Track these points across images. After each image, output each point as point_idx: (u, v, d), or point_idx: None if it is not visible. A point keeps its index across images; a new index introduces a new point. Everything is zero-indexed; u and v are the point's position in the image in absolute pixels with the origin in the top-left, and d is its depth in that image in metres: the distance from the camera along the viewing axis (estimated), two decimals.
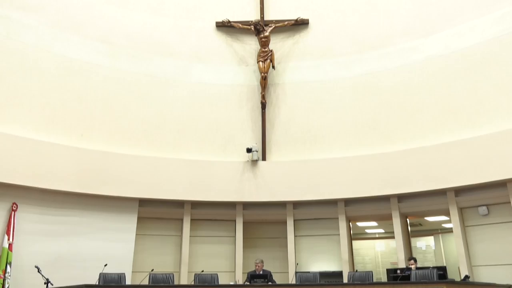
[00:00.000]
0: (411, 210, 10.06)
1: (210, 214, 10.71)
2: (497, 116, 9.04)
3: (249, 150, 10.60)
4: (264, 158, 10.80)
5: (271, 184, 10.47)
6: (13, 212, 8.69)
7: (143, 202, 10.25)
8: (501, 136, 8.73)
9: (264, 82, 10.97)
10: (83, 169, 9.48)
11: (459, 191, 9.33)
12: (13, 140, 8.83)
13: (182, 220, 10.51)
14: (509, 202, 8.64)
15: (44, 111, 9.55)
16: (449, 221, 9.87)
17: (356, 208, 10.38)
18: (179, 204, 10.52)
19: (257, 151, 10.67)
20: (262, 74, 10.95)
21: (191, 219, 10.53)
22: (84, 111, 9.99)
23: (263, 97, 11.00)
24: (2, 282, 8.14)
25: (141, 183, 9.98)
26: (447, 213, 9.63)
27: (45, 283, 7.31)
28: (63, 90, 9.82)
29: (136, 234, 10.02)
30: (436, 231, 11.55)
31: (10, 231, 8.51)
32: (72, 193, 9.42)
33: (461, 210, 9.40)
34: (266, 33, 11.06)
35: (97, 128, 10.08)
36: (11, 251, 8.42)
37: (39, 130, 9.32)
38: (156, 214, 10.42)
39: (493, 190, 8.90)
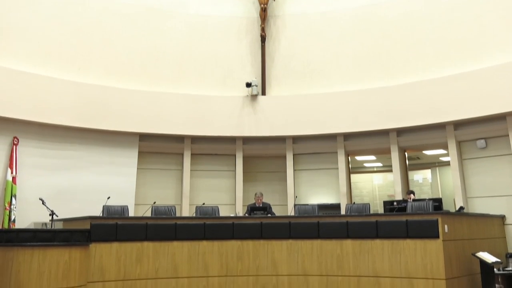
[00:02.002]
0: (410, 144, 10.12)
1: (210, 149, 10.80)
2: (500, 49, 8.91)
3: (248, 85, 10.53)
4: (263, 93, 10.74)
5: (271, 119, 10.48)
6: (14, 146, 8.76)
7: (143, 137, 10.31)
8: (502, 69, 8.64)
9: (263, 14, 10.70)
10: (82, 103, 9.46)
11: (458, 124, 9.36)
12: (9, 73, 8.75)
13: (182, 154, 10.62)
14: (508, 135, 8.70)
15: (40, 44, 9.38)
16: (446, 155, 9.96)
17: (355, 142, 10.45)
18: (179, 138, 10.58)
19: (256, 86, 10.59)
20: (262, 5, 10.66)
21: (192, 154, 10.63)
22: (80, 44, 9.82)
23: (263, 29, 10.77)
24: (8, 213, 8.35)
25: (141, 118, 10.00)
26: (445, 147, 9.72)
27: (50, 215, 7.45)
28: (58, 22, 9.60)
29: (137, 168, 10.18)
30: (434, 164, 11.70)
31: (12, 164, 8.62)
32: (72, 128, 9.46)
33: (459, 144, 9.47)
34: None
35: (94, 61, 9.95)
36: (15, 184, 8.57)
37: (35, 64, 9.21)
38: (156, 149, 10.52)
39: (492, 123, 8.93)
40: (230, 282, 7.26)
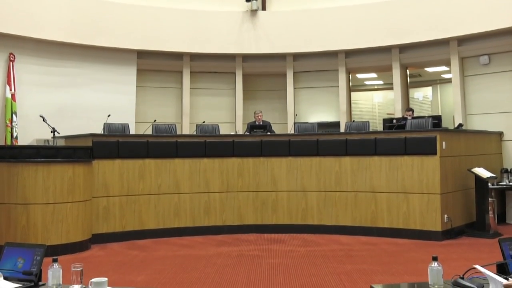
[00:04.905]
0: (412, 61, 10.00)
1: (209, 67, 10.67)
2: None
3: None
4: (264, 8, 10.42)
5: (271, 35, 10.26)
6: (11, 63, 8.62)
7: (141, 54, 10.14)
8: None
9: None
10: (77, 18, 9.19)
11: (462, 40, 9.17)
12: None
13: (181, 72, 10.50)
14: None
15: None
16: (448, 72, 9.86)
17: (357, 60, 10.31)
18: (178, 56, 10.41)
19: (256, 0, 10.25)
20: None
21: (191, 72, 10.52)
22: None
23: None
24: (10, 130, 8.40)
25: (138, 34, 9.77)
26: (447, 63, 9.59)
27: (51, 132, 7.50)
28: None
29: (136, 86, 10.11)
30: (435, 81, 11.59)
31: (11, 81, 8.53)
32: (68, 44, 9.27)
33: (462, 60, 9.34)
34: None
35: None
36: (15, 101, 8.54)
37: None
38: (155, 66, 10.39)
39: (496, 38, 8.73)
40: (231, 197, 7.46)
